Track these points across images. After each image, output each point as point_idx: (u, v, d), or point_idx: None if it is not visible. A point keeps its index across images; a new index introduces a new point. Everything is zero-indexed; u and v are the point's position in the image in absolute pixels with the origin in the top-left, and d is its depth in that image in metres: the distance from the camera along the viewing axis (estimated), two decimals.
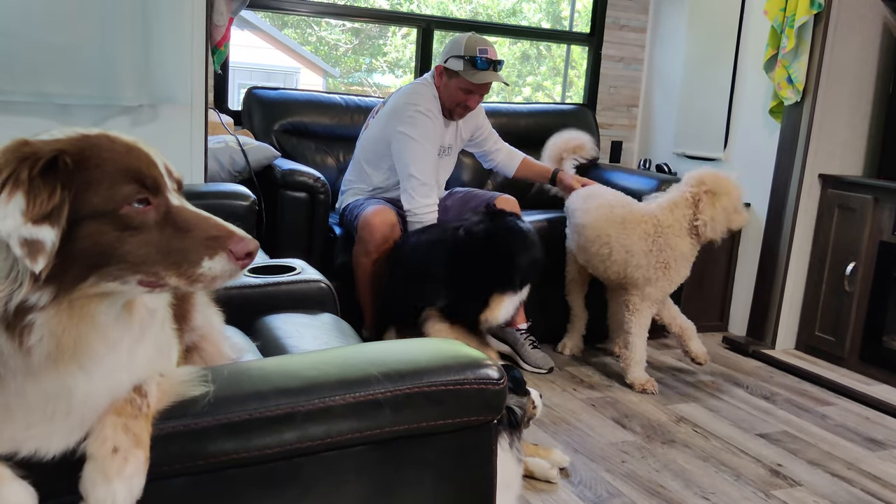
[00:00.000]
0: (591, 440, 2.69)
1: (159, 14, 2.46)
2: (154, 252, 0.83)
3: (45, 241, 0.77)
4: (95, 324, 0.84)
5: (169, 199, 0.87)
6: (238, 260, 0.85)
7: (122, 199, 0.82)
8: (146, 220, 0.84)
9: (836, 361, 3.65)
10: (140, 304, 0.90)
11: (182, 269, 0.84)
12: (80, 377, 0.84)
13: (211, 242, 0.85)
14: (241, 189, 2.52)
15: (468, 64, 3.16)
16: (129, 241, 0.82)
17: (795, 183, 3.71)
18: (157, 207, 0.85)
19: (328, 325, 1.67)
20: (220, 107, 3.82)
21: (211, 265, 0.85)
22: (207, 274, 0.85)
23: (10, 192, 0.77)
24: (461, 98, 3.22)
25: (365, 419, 0.98)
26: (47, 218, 0.78)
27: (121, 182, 0.83)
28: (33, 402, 0.83)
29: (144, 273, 0.83)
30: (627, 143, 4.91)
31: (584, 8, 4.98)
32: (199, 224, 0.86)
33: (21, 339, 0.80)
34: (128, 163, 0.85)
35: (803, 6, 3.49)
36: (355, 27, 7.57)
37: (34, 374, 0.82)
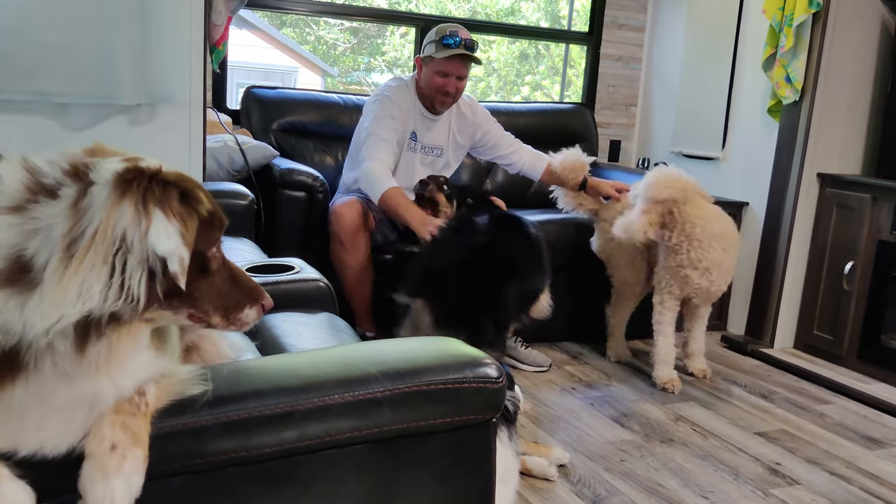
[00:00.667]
0: (590, 439, 2.70)
1: (158, 13, 2.46)
2: (214, 295, 0.92)
3: (188, 263, 0.84)
4: (138, 343, 0.88)
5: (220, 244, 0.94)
6: (263, 312, 0.98)
7: (213, 241, 0.90)
8: (216, 265, 0.92)
9: (834, 360, 3.65)
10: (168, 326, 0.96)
11: (228, 313, 0.94)
12: (109, 386, 0.86)
13: (251, 293, 0.96)
14: (240, 188, 2.52)
15: (438, 45, 3.20)
16: (202, 281, 0.90)
17: (794, 182, 3.71)
18: (221, 254, 0.93)
19: (327, 324, 1.67)
20: (218, 106, 3.82)
21: (249, 313, 0.96)
22: (244, 320, 0.96)
23: (169, 215, 0.82)
24: (438, 82, 3.24)
25: (364, 418, 0.98)
26: (191, 245, 0.85)
27: (215, 226, 0.90)
28: (58, 404, 0.84)
29: (197, 310, 0.90)
30: (626, 143, 4.91)
31: (582, 7, 4.98)
32: (241, 276, 0.97)
33: (85, 344, 0.82)
34: (214, 206, 0.91)
35: (802, 5, 3.49)
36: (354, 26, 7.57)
37: (72, 378, 0.83)
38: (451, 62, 3.20)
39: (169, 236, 0.81)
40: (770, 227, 3.86)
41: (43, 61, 2.37)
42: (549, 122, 4.42)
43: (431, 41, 3.24)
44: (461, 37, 3.19)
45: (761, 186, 3.91)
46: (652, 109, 4.83)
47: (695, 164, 4.40)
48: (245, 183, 2.98)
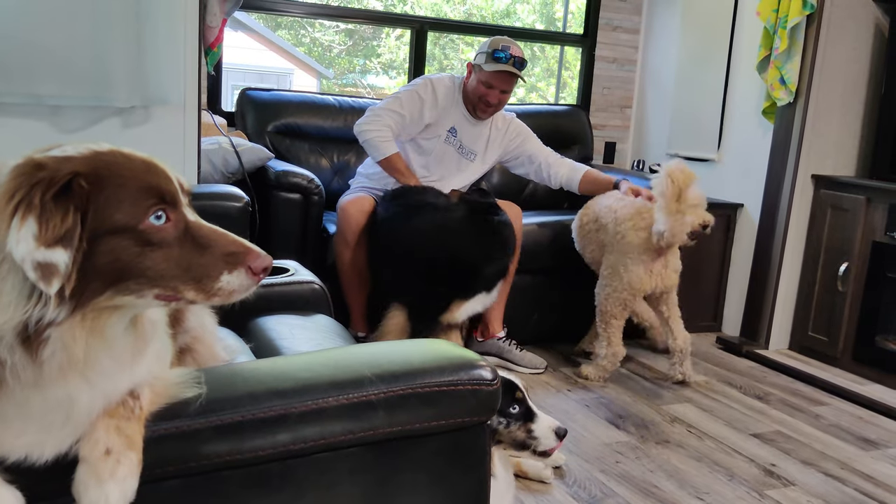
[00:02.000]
0: (586, 440, 2.70)
1: (152, 15, 2.45)
2: (174, 267, 0.85)
3: (58, 263, 0.78)
4: (105, 337, 0.85)
5: (186, 214, 0.89)
6: (255, 275, 0.89)
7: (142, 214, 0.84)
8: (166, 235, 0.86)
9: (829, 361, 3.66)
10: (145, 318, 0.92)
11: (201, 284, 0.87)
12: (84, 388, 0.84)
13: (230, 258, 0.88)
14: (235, 190, 2.51)
15: (489, 56, 3.26)
16: (150, 256, 0.84)
17: (788, 183, 3.72)
18: (175, 223, 0.87)
19: (321, 326, 1.67)
20: (213, 108, 3.81)
21: (230, 279, 0.87)
22: (226, 288, 0.87)
23: (23, 216, 0.77)
24: (482, 91, 3.30)
25: (358, 420, 0.98)
26: (60, 241, 0.79)
27: (141, 198, 0.85)
28: (34, 412, 0.83)
29: (163, 287, 0.85)
30: (621, 144, 4.92)
31: (577, 9, 4.99)
32: (218, 240, 0.89)
33: (36, 352, 0.80)
34: (147, 179, 0.87)
35: (796, 7, 3.50)
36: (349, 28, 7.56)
37: (42, 385, 0.82)
38: (497, 76, 3.27)
39: (20, 241, 0.77)
40: (765, 228, 3.86)
41: (37, 63, 2.36)
42: (544, 123, 4.41)
43: (483, 52, 3.29)
44: (512, 53, 3.25)
45: (756, 188, 3.91)
46: (647, 111, 4.84)
47: (690, 166, 4.39)
48: (240, 185, 2.98)
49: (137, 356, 0.90)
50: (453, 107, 3.38)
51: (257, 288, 1.72)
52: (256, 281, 0.89)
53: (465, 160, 3.45)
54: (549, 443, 2.04)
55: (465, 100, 3.38)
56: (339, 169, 3.80)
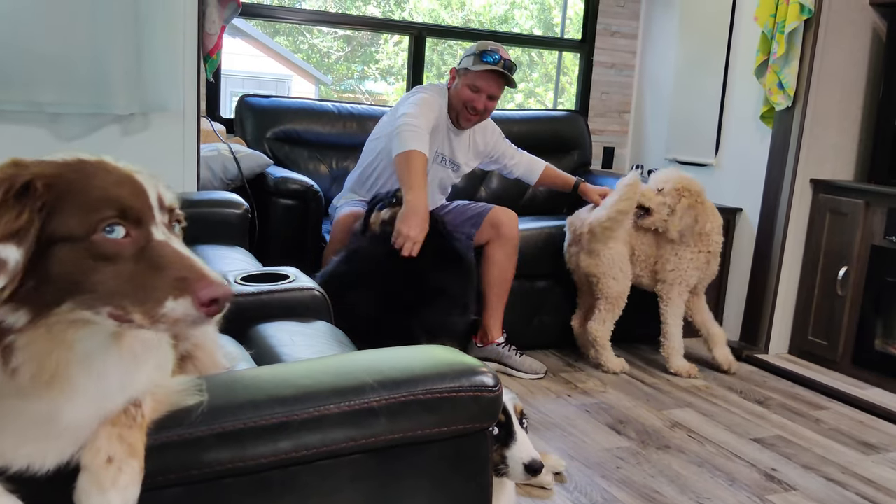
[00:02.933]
0: (586, 446, 2.69)
1: (151, 22, 2.45)
2: (124, 285, 0.81)
3: (8, 259, 0.77)
4: (76, 350, 0.83)
5: (152, 232, 0.84)
6: (202, 306, 0.80)
7: (94, 225, 0.81)
8: (121, 251, 0.82)
9: (829, 365, 3.66)
10: (132, 338, 0.88)
11: (146, 307, 0.80)
12: (66, 402, 0.83)
13: (178, 283, 0.81)
14: (234, 197, 2.51)
15: (476, 58, 3.17)
16: (101, 270, 0.81)
17: (787, 188, 3.72)
18: (134, 240, 0.83)
19: (322, 333, 1.66)
20: (212, 115, 3.82)
21: (174, 307, 0.80)
22: (169, 315, 0.80)
23: None
24: (467, 96, 3.20)
25: (360, 427, 0.98)
26: (12, 237, 0.78)
27: (97, 209, 0.82)
28: (23, 422, 0.83)
29: (114, 306, 0.81)
30: (619, 149, 4.92)
31: (575, 15, 5.00)
32: (174, 263, 0.83)
33: (4, 359, 0.80)
34: (111, 191, 0.84)
35: (793, 12, 3.51)
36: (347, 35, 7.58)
37: (22, 396, 0.81)
38: (485, 77, 3.17)
39: None
40: (764, 232, 3.87)
41: (36, 71, 2.36)
42: (542, 129, 4.43)
43: (470, 54, 3.20)
44: (501, 55, 3.16)
45: (755, 192, 3.92)
46: (645, 116, 4.85)
47: (688, 170, 4.39)
48: (239, 191, 2.97)
49: (129, 372, 0.88)
50: (440, 116, 3.24)
51: (256, 295, 1.72)
52: (204, 314, 0.80)
53: (447, 170, 3.42)
54: (516, 476, 1.88)
55: (448, 108, 3.28)
56: (338, 175, 3.80)
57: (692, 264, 3.44)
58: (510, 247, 3.23)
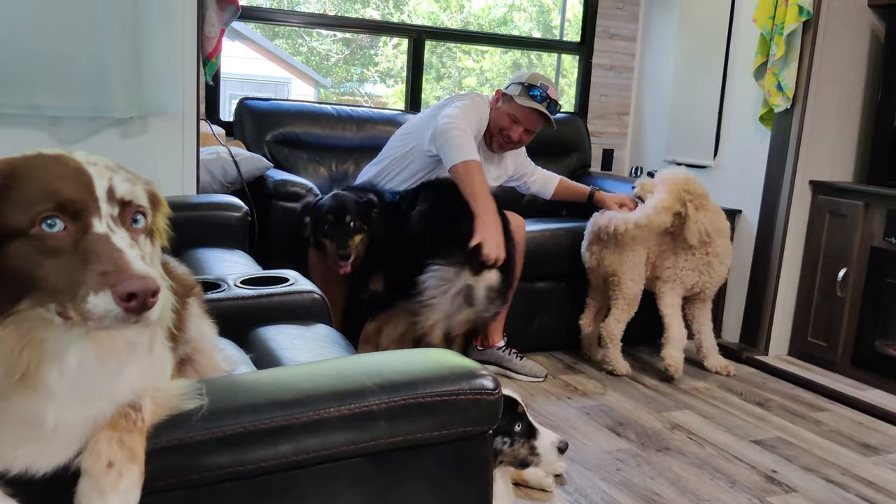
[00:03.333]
0: (586, 448, 2.69)
1: (150, 26, 2.46)
2: (61, 280, 0.79)
3: None
4: (45, 350, 0.82)
5: (91, 225, 0.82)
6: (122, 301, 0.76)
7: (33, 218, 0.80)
8: (59, 245, 0.80)
9: (828, 367, 3.66)
10: (110, 338, 0.86)
11: (75, 303, 0.77)
12: (47, 403, 0.82)
13: (101, 277, 0.77)
14: (234, 200, 2.51)
15: (524, 90, 3.17)
16: (44, 265, 0.79)
17: (786, 189, 3.72)
18: (73, 234, 0.81)
19: (322, 336, 1.67)
20: (211, 118, 3.82)
21: (95, 302, 0.76)
22: (93, 311, 0.76)
23: None
24: (506, 124, 3.20)
25: (360, 431, 0.98)
26: None
27: (36, 202, 0.80)
28: (13, 423, 0.83)
29: (57, 302, 0.79)
30: (619, 151, 4.93)
31: (574, 17, 5.00)
32: (101, 256, 0.79)
33: None
34: (52, 184, 0.82)
35: (792, 14, 3.51)
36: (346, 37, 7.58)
37: (4, 396, 0.81)
38: (527, 113, 3.18)
39: None
40: (763, 234, 3.87)
41: (35, 74, 2.36)
42: (542, 131, 4.41)
43: (518, 82, 3.20)
44: (549, 94, 3.16)
45: (754, 194, 3.92)
46: (644, 118, 4.85)
47: (687, 172, 4.41)
48: (239, 195, 2.98)
49: (114, 373, 0.87)
50: (480, 129, 3.21)
51: (255, 298, 1.72)
52: (125, 308, 0.76)
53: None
54: (551, 458, 2.03)
55: (488, 132, 3.25)
56: (338, 179, 3.80)
57: (688, 264, 3.44)
58: (516, 251, 3.22)
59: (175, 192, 2.61)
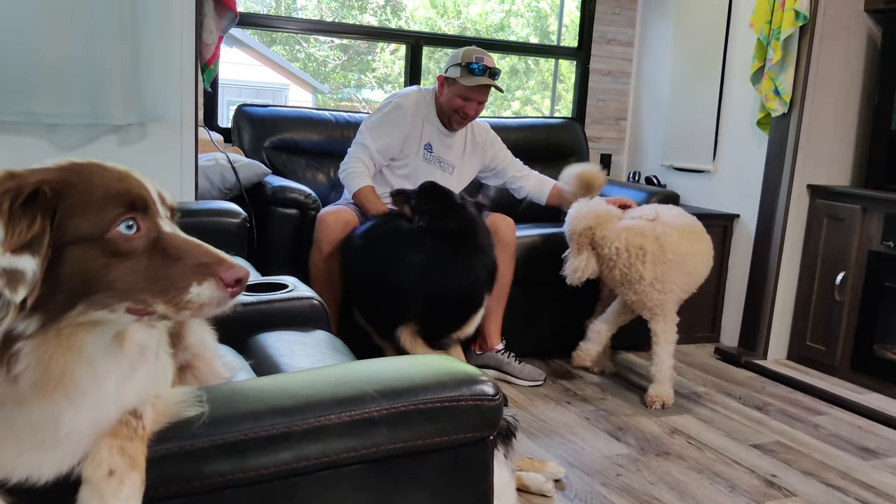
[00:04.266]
0: (586, 453, 2.69)
1: (148, 33, 2.46)
2: (142, 279, 0.82)
3: (25, 270, 0.77)
4: (83, 354, 0.83)
5: (160, 224, 0.86)
6: (227, 287, 0.84)
7: (108, 222, 0.82)
8: (134, 245, 0.83)
9: (827, 371, 3.66)
10: (130, 340, 0.89)
11: (170, 296, 0.82)
12: (67, 408, 0.83)
13: (200, 269, 0.84)
14: (232, 206, 2.52)
15: (464, 70, 3.25)
16: (117, 267, 0.82)
17: (784, 193, 3.73)
18: (146, 233, 0.84)
19: (321, 342, 1.66)
20: (209, 124, 3.82)
21: (199, 291, 0.83)
22: (195, 301, 0.83)
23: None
24: (458, 104, 3.29)
25: (361, 437, 0.98)
26: (27, 247, 0.78)
27: (107, 206, 0.82)
28: (22, 430, 0.83)
29: (132, 300, 0.82)
30: (617, 156, 4.93)
31: (571, 23, 5.01)
32: (190, 250, 0.85)
33: (8, 367, 0.79)
34: (117, 187, 0.85)
35: (788, 19, 3.52)
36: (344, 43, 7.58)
37: (21, 402, 0.81)
38: (474, 89, 3.27)
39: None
40: (761, 238, 3.87)
41: (34, 81, 2.37)
42: (540, 136, 4.44)
43: (456, 64, 3.28)
44: (486, 64, 3.26)
45: (752, 198, 3.92)
46: (642, 123, 4.86)
47: (685, 177, 4.42)
48: (237, 201, 2.98)
49: (125, 378, 0.89)
50: (425, 121, 3.37)
51: (254, 304, 1.72)
52: (230, 294, 0.84)
53: (447, 174, 3.45)
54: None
55: (438, 113, 3.37)
56: (336, 183, 3.80)
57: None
58: (508, 252, 3.25)
59: (174, 198, 2.61)
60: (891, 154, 3.58)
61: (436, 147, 3.39)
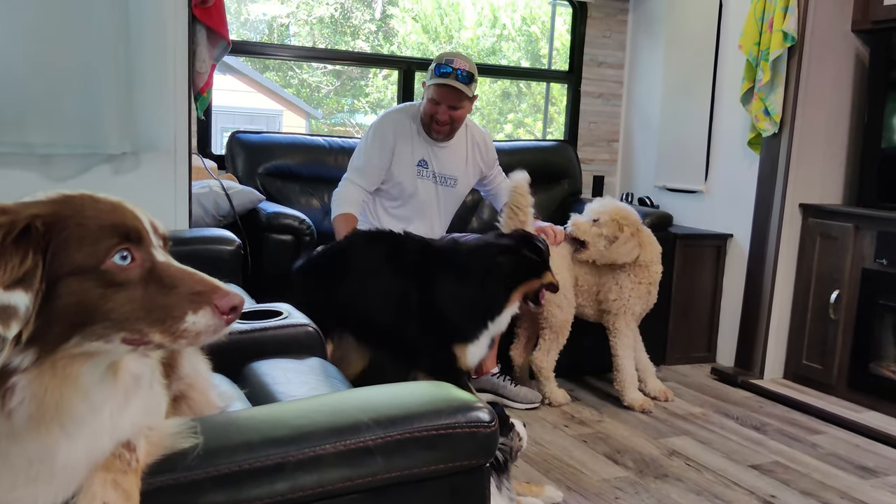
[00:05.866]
0: (584, 477, 2.68)
1: (142, 62, 2.47)
2: (138, 308, 0.83)
3: (17, 305, 0.77)
4: (78, 386, 0.83)
5: (154, 254, 0.87)
6: (223, 315, 0.85)
7: (103, 254, 0.82)
8: (129, 276, 0.83)
9: (824, 389, 3.66)
10: (124, 370, 0.89)
11: (166, 325, 0.83)
12: (62, 440, 0.83)
13: (195, 297, 0.84)
14: (226, 234, 2.52)
15: (432, 73, 3.23)
16: (113, 297, 0.82)
17: (776, 213, 3.75)
18: (141, 263, 0.85)
19: (316, 370, 1.66)
20: (203, 151, 3.83)
21: (195, 320, 0.84)
22: (192, 329, 0.84)
23: None
24: (430, 110, 3.25)
25: (356, 467, 0.97)
26: (20, 283, 0.78)
27: (102, 238, 0.83)
28: (16, 464, 0.82)
29: (128, 331, 0.83)
30: (609, 178, 4.95)
31: (562, 46, 5.05)
32: (184, 279, 0.86)
33: (3, 402, 0.79)
34: (110, 218, 0.85)
35: (776, 40, 3.55)
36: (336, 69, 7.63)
37: (16, 437, 0.81)
38: (440, 90, 3.20)
39: None
40: (755, 257, 3.88)
41: (27, 112, 2.36)
42: (533, 159, 4.44)
43: (431, 67, 3.25)
44: (454, 66, 3.18)
45: (745, 218, 3.94)
46: (634, 145, 4.88)
47: (678, 197, 4.44)
48: (231, 228, 2.98)
49: (119, 408, 0.88)
50: (413, 137, 3.31)
51: (249, 332, 1.71)
52: (225, 321, 0.85)
53: (447, 188, 3.42)
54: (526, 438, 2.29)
55: (423, 123, 3.33)
56: (330, 209, 3.81)
57: (634, 293, 3.36)
58: None
59: (167, 226, 2.61)
60: (882, 172, 3.60)
61: (431, 162, 3.36)
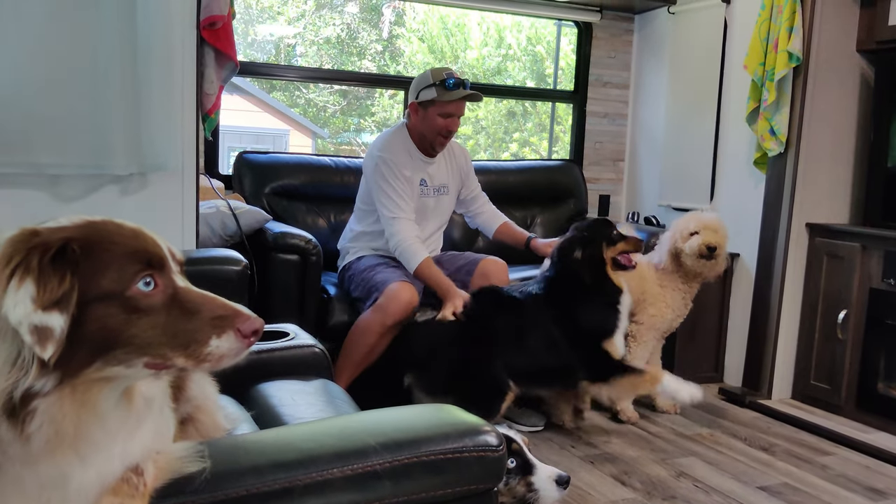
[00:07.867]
0: (592, 499, 2.66)
1: (150, 83, 2.49)
2: (161, 334, 0.84)
3: (54, 327, 0.78)
4: (97, 411, 0.83)
5: (174, 280, 0.88)
6: (245, 338, 0.87)
7: (128, 280, 0.84)
8: (153, 302, 0.85)
9: (832, 410, 3.63)
10: (138, 394, 0.90)
11: (190, 350, 0.85)
12: (77, 465, 0.83)
13: (218, 322, 0.87)
14: (233, 254, 2.52)
15: (440, 88, 3.22)
16: (137, 323, 0.83)
17: (783, 233, 3.74)
18: (163, 289, 0.86)
19: (322, 391, 1.66)
20: (210, 171, 3.84)
21: (219, 344, 0.86)
22: (215, 353, 0.86)
23: (21, 279, 0.78)
24: (441, 124, 3.25)
25: (364, 491, 0.97)
26: (57, 304, 0.79)
27: (127, 264, 0.84)
28: (30, 489, 0.82)
29: (151, 355, 0.84)
30: (615, 197, 4.96)
31: (567, 66, 5.08)
32: (206, 304, 0.88)
33: (23, 426, 0.79)
34: (134, 245, 0.87)
35: (782, 60, 3.57)
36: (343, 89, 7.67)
37: (31, 462, 0.81)
38: (461, 104, 3.25)
39: (17, 304, 0.77)
40: (762, 277, 3.87)
41: (36, 133, 2.38)
42: (538, 178, 4.47)
43: (429, 85, 3.23)
44: (457, 77, 3.23)
45: (751, 237, 3.93)
46: (639, 164, 4.89)
47: (683, 217, 4.43)
48: (238, 248, 2.98)
49: (131, 432, 0.89)
50: (411, 159, 3.31)
51: (256, 354, 1.72)
52: (247, 344, 0.88)
53: (442, 196, 3.45)
54: (551, 494, 1.99)
55: (418, 142, 3.32)
56: (337, 228, 3.82)
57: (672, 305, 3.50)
58: None
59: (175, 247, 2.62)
60: (888, 191, 3.59)
61: (427, 179, 3.38)
